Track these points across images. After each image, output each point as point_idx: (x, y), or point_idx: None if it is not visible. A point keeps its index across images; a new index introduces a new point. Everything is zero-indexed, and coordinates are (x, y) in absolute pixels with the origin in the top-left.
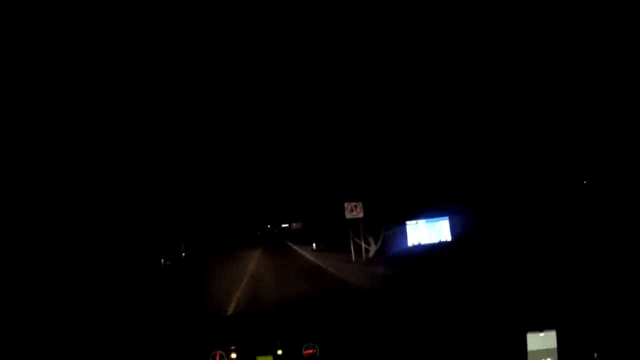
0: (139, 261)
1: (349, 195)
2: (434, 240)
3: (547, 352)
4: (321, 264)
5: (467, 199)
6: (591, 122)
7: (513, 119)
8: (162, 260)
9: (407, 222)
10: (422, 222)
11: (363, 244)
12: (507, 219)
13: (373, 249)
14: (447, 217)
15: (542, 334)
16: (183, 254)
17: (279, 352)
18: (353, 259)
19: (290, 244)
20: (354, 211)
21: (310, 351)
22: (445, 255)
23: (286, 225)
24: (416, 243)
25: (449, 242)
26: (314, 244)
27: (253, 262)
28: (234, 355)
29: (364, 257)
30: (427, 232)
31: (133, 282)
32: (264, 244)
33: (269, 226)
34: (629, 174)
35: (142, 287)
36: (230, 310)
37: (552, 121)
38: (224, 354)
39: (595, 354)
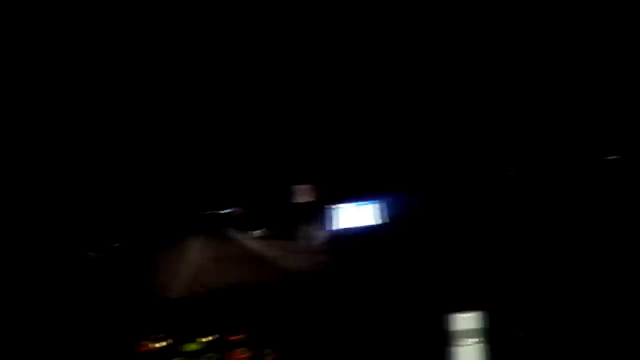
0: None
1: (291, 177)
2: (364, 223)
3: (473, 332)
4: (264, 251)
5: (398, 183)
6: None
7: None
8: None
9: (337, 206)
10: (351, 206)
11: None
12: (436, 203)
13: (310, 234)
14: (377, 201)
15: (468, 315)
16: (115, 245)
17: (206, 339)
18: (298, 245)
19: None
20: (304, 195)
21: (239, 337)
22: (374, 238)
23: (228, 210)
24: (346, 226)
25: (379, 225)
26: (255, 230)
27: (191, 251)
28: (160, 344)
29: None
30: (357, 215)
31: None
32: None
33: (208, 212)
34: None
35: (63, 281)
36: (166, 298)
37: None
38: (151, 342)
39: (520, 334)
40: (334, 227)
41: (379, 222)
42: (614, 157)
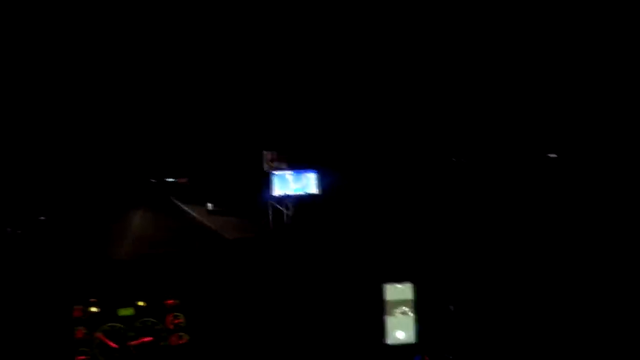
0: None
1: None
2: (301, 192)
3: (404, 302)
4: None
5: (335, 153)
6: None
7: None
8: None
9: (274, 172)
10: (289, 173)
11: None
12: (370, 175)
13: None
14: (315, 171)
15: (399, 285)
16: (42, 218)
17: (140, 303)
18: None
19: (178, 203)
20: (275, 162)
21: (172, 301)
22: (310, 206)
23: (172, 180)
24: (282, 194)
25: (316, 194)
26: (209, 204)
27: (132, 217)
28: (94, 309)
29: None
30: (294, 183)
31: None
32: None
33: (152, 181)
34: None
35: None
36: (101, 263)
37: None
38: (84, 307)
39: (451, 307)
40: (272, 194)
41: (316, 191)
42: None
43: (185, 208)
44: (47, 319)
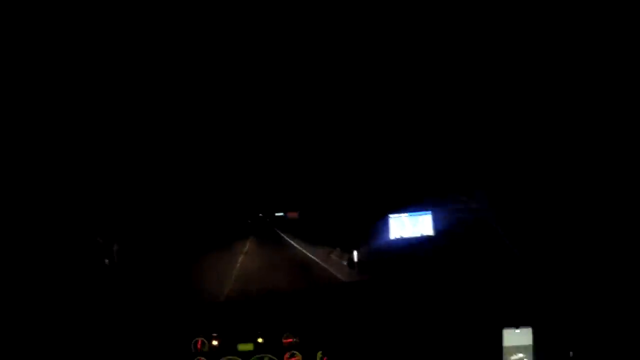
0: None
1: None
2: (417, 234)
3: (522, 348)
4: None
5: (451, 194)
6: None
7: (499, 113)
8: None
9: (391, 216)
10: (405, 216)
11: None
12: (489, 215)
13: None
14: (430, 212)
15: (518, 330)
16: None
17: (260, 340)
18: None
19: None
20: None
21: (290, 340)
22: (426, 249)
23: (281, 214)
24: (398, 237)
25: (431, 236)
26: (355, 253)
27: (245, 253)
28: (215, 342)
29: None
30: (410, 226)
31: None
32: (255, 235)
33: (260, 215)
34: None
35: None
36: (216, 299)
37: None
38: (205, 341)
39: (571, 353)
40: (388, 237)
41: (432, 232)
42: None
43: (297, 244)
44: (170, 350)
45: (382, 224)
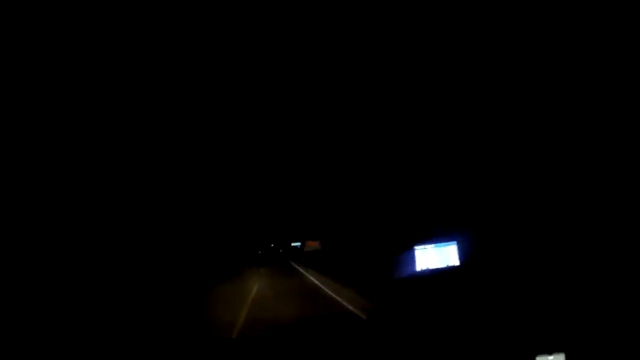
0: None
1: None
2: (442, 265)
3: None
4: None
5: (476, 223)
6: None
7: (520, 139)
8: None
9: (416, 247)
10: (430, 247)
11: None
12: (516, 242)
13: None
14: (455, 242)
15: (551, 357)
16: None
17: None
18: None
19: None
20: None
21: None
22: (453, 279)
23: (297, 244)
24: (424, 268)
25: (457, 266)
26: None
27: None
28: None
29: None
30: (435, 257)
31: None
32: (267, 269)
33: (272, 245)
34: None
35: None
36: (232, 335)
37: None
38: None
39: None
40: (414, 269)
41: (457, 262)
42: None
43: (315, 280)
44: None
45: (408, 256)
